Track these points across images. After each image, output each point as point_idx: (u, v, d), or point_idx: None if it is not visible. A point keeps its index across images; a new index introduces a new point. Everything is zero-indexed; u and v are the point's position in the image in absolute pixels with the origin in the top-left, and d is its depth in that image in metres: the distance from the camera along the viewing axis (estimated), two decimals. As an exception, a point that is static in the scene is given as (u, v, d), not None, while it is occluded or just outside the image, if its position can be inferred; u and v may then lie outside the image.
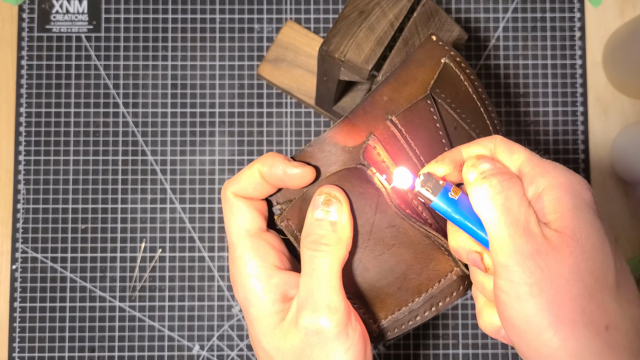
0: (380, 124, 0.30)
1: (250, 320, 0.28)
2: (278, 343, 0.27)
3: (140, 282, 0.54)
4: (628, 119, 0.55)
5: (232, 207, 0.29)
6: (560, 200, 0.25)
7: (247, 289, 0.28)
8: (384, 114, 0.30)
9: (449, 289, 0.31)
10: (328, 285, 0.27)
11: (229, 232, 0.29)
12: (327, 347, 0.26)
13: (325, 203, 0.27)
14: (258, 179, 0.29)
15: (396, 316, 0.31)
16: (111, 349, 0.53)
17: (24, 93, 0.55)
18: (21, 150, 0.55)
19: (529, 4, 0.56)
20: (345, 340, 0.27)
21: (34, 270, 0.54)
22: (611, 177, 0.55)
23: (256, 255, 0.28)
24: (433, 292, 0.31)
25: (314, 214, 0.28)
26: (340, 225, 0.28)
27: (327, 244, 0.27)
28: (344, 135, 0.30)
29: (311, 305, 0.27)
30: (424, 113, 0.30)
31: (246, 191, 0.29)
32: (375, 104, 0.30)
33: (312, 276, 0.27)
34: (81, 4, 0.56)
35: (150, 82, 0.55)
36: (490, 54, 0.56)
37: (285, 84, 0.54)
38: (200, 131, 0.55)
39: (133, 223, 0.54)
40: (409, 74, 0.31)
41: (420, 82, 0.31)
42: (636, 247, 0.54)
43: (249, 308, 0.28)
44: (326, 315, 0.26)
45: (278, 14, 0.56)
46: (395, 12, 0.38)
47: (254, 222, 0.29)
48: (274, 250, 0.29)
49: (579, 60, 0.56)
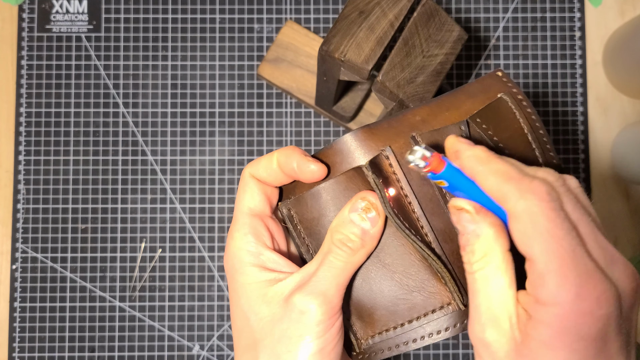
0: (401, 139, 0.29)
1: (235, 287, 0.30)
2: (259, 308, 0.29)
3: (140, 282, 0.54)
4: (628, 119, 0.55)
5: (245, 185, 0.31)
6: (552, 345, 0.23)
7: (236, 258, 0.30)
8: (409, 131, 0.29)
9: (443, 322, 0.29)
10: (335, 280, 0.28)
11: (235, 208, 0.31)
12: (304, 328, 0.28)
13: (365, 210, 0.28)
14: (274, 166, 0.30)
15: (384, 336, 0.30)
16: (111, 349, 0.53)
17: (24, 93, 0.55)
18: (21, 150, 0.55)
19: (529, 4, 0.56)
20: (321, 330, 0.28)
21: (34, 270, 0.54)
22: (611, 177, 0.55)
23: (251, 232, 0.30)
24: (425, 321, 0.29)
25: (350, 215, 0.28)
26: (370, 236, 0.28)
27: (352, 248, 0.28)
28: (360, 141, 0.30)
29: (310, 288, 0.28)
30: None
31: (261, 175, 0.31)
32: (403, 121, 0.30)
33: (324, 264, 0.28)
34: (81, 4, 0.56)
35: (150, 82, 0.55)
36: (490, 54, 0.56)
37: (285, 84, 0.54)
38: (200, 131, 0.55)
39: (133, 223, 0.54)
40: (454, 102, 0.30)
41: (463, 111, 0.30)
42: (636, 247, 0.54)
43: (236, 276, 0.30)
44: (319, 301, 0.27)
45: (278, 14, 0.56)
46: (395, 12, 0.38)
47: (259, 204, 0.31)
48: (268, 233, 0.31)
49: (579, 60, 0.56)
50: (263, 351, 0.28)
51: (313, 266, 0.29)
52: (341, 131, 0.55)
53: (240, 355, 0.30)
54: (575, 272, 0.22)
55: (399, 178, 0.29)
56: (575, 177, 0.26)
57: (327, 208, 0.30)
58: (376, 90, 0.40)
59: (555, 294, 0.22)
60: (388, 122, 0.30)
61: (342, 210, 0.29)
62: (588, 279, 0.22)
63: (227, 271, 0.31)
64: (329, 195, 0.30)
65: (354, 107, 0.52)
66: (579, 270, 0.22)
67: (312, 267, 0.29)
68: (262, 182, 0.31)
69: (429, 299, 0.29)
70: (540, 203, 0.23)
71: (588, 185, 0.55)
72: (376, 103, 0.54)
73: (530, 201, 0.23)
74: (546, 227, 0.22)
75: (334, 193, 0.30)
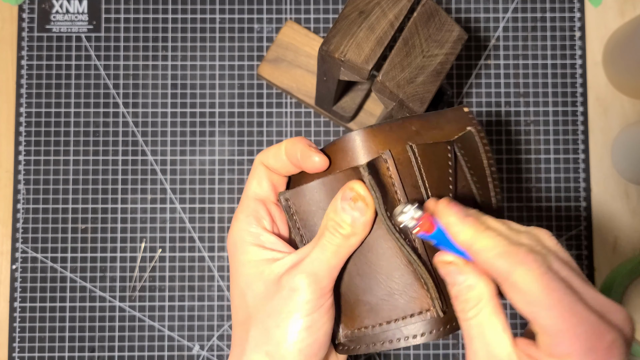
0: (400, 145, 0.31)
1: (235, 265, 0.32)
2: (255, 285, 0.30)
3: (140, 282, 0.54)
4: (628, 119, 0.55)
5: (254, 171, 0.33)
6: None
7: (238, 237, 0.32)
8: (407, 139, 0.31)
9: (421, 327, 0.30)
10: (327, 263, 0.29)
11: (243, 191, 0.33)
12: (293, 305, 0.29)
13: (353, 199, 0.29)
14: (282, 154, 0.32)
15: (363, 333, 0.31)
16: (111, 349, 0.53)
17: (24, 93, 0.55)
18: (21, 150, 0.55)
19: (529, 4, 0.56)
20: (310, 308, 0.29)
21: (34, 270, 0.54)
22: (611, 177, 0.55)
23: (253, 215, 0.32)
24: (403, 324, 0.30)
25: (342, 203, 0.29)
26: (360, 224, 0.29)
27: (343, 234, 0.29)
28: (362, 142, 0.31)
29: (302, 267, 0.29)
30: (442, 154, 0.31)
31: (270, 162, 0.32)
32: (403, 128, 0.31)
33: (317, 247, 0.30)
34: (81, 4, 0.56)
35: (150, 82, 0.55)
36: (490, 54, 0.56)
37: (285, 84, 0.54)
38: (200, 131, 0.55)
39: (133, 223, 0.54)
40: (439, 123, 0.33)
41: (445, 134, 0.33)
42: (636, 247, 0.54)
43: (237, 254, 0.32)
44: (309, 280, 0.29)
45: (278, 14, 0.56)
46: (395, 12, 0.38)
47: (264, 190, 0.33)
48: (270, 217, 0.32)
49: (579, 60, 0.56)
50: (254, 325, 0.30)
51: (307, 249, 0.30)
52: (341, 131, 0.55)
53: (235, 329, 0.32)
54: (582, 327, 0.24)
55: (395, 182, 0.30)
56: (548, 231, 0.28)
57: (322, 202, 0.31)
58: (376, 90, 0.40)
59: (569, 351, 0.24)
60: (390, 125, 0.31)
61: (335, 198, 0.30)
62: (595, 331, 0.24)
63: (229, 249, 0.32)
64: (325, 190, 0.31)
65: (354, 107, 0.52)
66: (585, 325, 0.24)
67: (306, 250, 0.30)
68: (270, 170, 0.33)
69: (409, 303, 0.30)
70: (530, 272, 0.24)
71: (588, 185, 0.55)
72: (376, 103, 0.54)
73: (522, 273, 0.24)
74: (543, 293, 0.24)
75: (331, 189, 0.31)
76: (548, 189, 0.55)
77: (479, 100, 0.56)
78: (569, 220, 0.55)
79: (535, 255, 0.25)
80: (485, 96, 0.56)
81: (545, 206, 0.55)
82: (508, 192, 0.55)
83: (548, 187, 0.55)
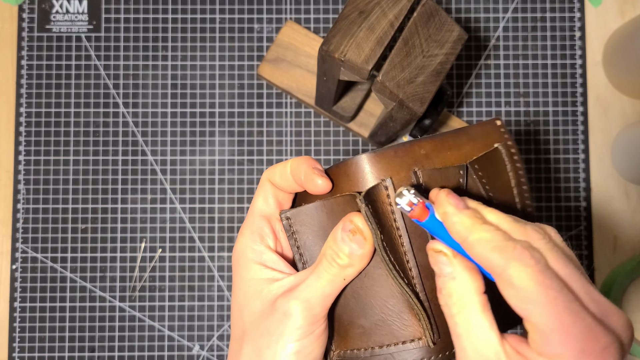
0: (403, 172, 0.30)
1: (236, 280, 0.32)
2: (253, 303, 0.31)
3: (140, 282, 0.54)
4: (628, 119, 0.55)
5: (261, 187, 0.33)
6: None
7: (242, 254, 0.32)
8: (413, 164, 0.30)
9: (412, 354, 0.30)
10: (321, 291, 0.29)
11: (250, 208, 0.34)
12: (284, 328, 0.29)
13: (352, 232, 0.29)
14: (287, 173, 0.32)
15: (356, 354, 0.31)
16: (111, 349, 0.53)
17: (24, 93, 0.55)
18: (21, 150, 0.55)
19: (529, 4, 0.56)
20: (301, 334, 0.29)
21: (34, 270, 0.54)
22: (611, 177, 0.55)
23: (258, 232, 0.32)
24: (394, 350, 0.30)
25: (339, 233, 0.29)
26: (357, 257, 0.29)
27: (340, 264, 0.29)
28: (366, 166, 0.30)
29: (296, 293, 0.29)
30: (451, 180, 0.31)
31: (276, 180, 0.33)
32: (409, 152, 0.31)
33: (313, 274, 0.30)
34: (81, 4, 0.56)
35: (150, 82, 0.55)
36: (490, 54, 0.56)
37: (285, 84, 0.54)
38: (200, 131, 0.55)
39: (133, 223, 0.54)
40: (456, 142, 0.32)
41: (463, 154, 0.31)
42: (636, 247, 0.54)
43: (239, 269, 0.32)
44: (302, 307, 0.29)
45: (278, 14, 0.56)
46: (395, 12, 0.38)
47: (269, 207, 0.33)
48: (273, 235, 0.33)
49: (579, 60, 0.56)
50: (247, 342, 0.30)
51: (305, 274, 0.30)
52: (341, 131, 0.55)
53: (232, 344, 0.32)
54: (576, 328, 0.23)
55: (394, 210, 0.30)
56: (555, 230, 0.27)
57: (322, 223, 0.31)
58: (376, 90, 0.40)
59: (560, 351, 0.23)
60: (395, 150, 0.31)
61: (337, 227, 0.30)
62: (590, 333, 0.23)
63: (233, 264, 0.33)
64: (326, 212, 0.31)
65: (354, 107, 0.52)
66: (580, 325, 0.23)
67: (304, 275, 0.30)
68: (276, 187, 0.33)
69: (402, 330, 0.30)
70: (526, 268, 0.24)
71: (588, 185, 0.55)
72: (376, 103, 0.54)
73: (517, 268, 0.24)
74: (537, 290, 0.23)
75: (331, 211, 0.31)
76: (548, 189, 0.55)
77: (479, 100, 0.56)
78: (569, 220, 0.55)
79: (533, 252, 0.24)
80: (485, 96, 0.56)
81: (545, 206, 0.55)
82: (508, 192, 0.55)
83: (548, 187, 0.55)
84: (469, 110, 0.56)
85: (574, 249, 0.54)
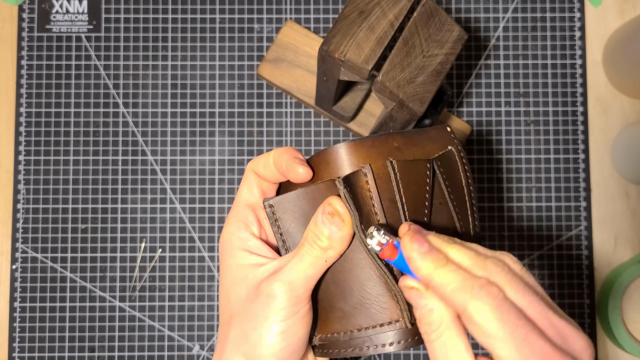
0: (380, 160, 0.32)
1: (223, 268, 0.34)
2: (239, 288, 0.32)
3: (140, 282, 0.54)
4: (628, 119, 0.55)
5: (246, 178, 0.34)
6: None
7: (228, 242, 0.33)
8: (387, 154, 0.32)
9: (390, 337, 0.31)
10: (303, 273, 0.30)
11: (235, 198, 0.35)
12: (269, 310, 0.30)
13: (330, 214, 0.30)
14: (270, 163, 0.33)
15: (335, 338, 0.32)
16: (111, 349, 0.53)
17: (24, 93, 0.55)
18: (21, 150, 0.55)
19: (529, 4, 0.56)
20: (285, 315, 0.30)
21: (34, 270, 0.54)
22: (611, 177, 0.55)
23: (243, 221, 0.33)
24: (372, 333, 0.31)
25: (320, 216, 0.31)
26: (337, 239, 0.30)
27: (321, 247, 0.30)
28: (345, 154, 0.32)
29: (280, 276, 0.31)
30: (421, 172, 0.32)
31: (260, 170, 0.34)
32: (384, 143, 0.32)
33: (296, 256, 0.31)
34: (81, 4, 0.56)
35: (150, 82, 0.55)
36: (490, 54, 0.56)
37: (285, 84, 0.54)
38: (200, 131, 0.55)
39: (133, 223, 0.54)
40: (420, 141, 0.34)
41: (426, 152, 0.34)
42: (636, 247, 0.54)
43: (226, 257, 0.33)
44: (285, 288, 0.30)
45: (278, 14, 0.56)
46: (395, 12, 0.38)
47: (254, 197, 0.34)
48: (258, 223, 0.34)
49: (579, 60, 0.56)
50: (234, 326, 0.32)
51: (288, 257, 0.32)
52: (341, 131, 0.55)
53: (220, 329, 0.33)
54: (534, 357, 0.24)
55: (373, 196, 0.31)
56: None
57: (303, 211, 0.32)
58: (376, 90, 0.40)
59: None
60: (372, 140, 0.32)
61: (318, 210, 0.31)
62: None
63: (220, 252, 0.34)
64: (307, 199, 0.32)
65: (354, 107, 0.52)
66: (538, 354, 0.25)
67: (287, 258, 0.32)
68: (261, 177, 0.34)
69: (380, 313, 0.31)
70: (484, 306, 0.25)
71: (588, 185, 0.55)
72: (376, 103, 0.54)
73: (476, 306, 0.25)
74: (497, 325, 0.25)
75: (312, 198, 0.32)
76: (548, 189, 0.55)
77: (479, 100, 0.56)
78: (569, 220, 0.55)
79: (491, 288, 0.25)
80: (485, 96, 0.56)
81: (545, 206, 0.55)
82: (508, 192, 0.55)
83: (548, 187, 0.55)
84: (469, 110, 0.56)
85: (573, 250, 0.54)
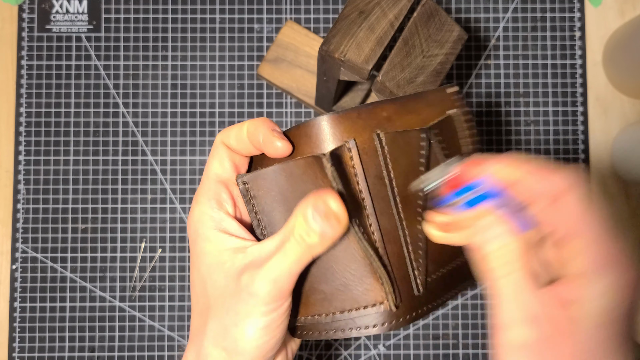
0: (366, 133, 0.29)
1: (196, 252, 0.31)
2: (216, 276, 0.30)
3: (140, 282, 0.54)
4: (628, 119, 0.55)
5: (215, 151, 0.31)
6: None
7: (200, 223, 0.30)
8: (375, 126, 0.30)
9: (373, 319, 0.29)
10: (288, 269, 0.28)
11: (204, 172, 0.32)
12: (251, 307, 0.28)
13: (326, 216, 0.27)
14: (244, 135, 0.30)
15: (316, 320, 0.31)
16: (111, 349, 0.53)
17: (24, 93, 0.55)
18: (21, 150, 0.55)
19: (529, 4, 0.56)
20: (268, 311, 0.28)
21: (34, 270, 0.54)
22: (611, 177, 0.55)
23: (215, 198, 0.31)
24: (355, 315, 0.30)
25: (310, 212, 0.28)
26: (329, 238, 0.28)
27: (309, 244, 0.28)
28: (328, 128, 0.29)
29: (263, 273, 0.28)
30: (413, 143, 0.30)
31: (231, 143, 0.31)
32: (371, 114, 0.30)
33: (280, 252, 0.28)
34: (81, 4, 0.56)
35: (150, 82, 0.55)
36: (490, 54, 0.56)
37: (285, 84, 0.54)
38: (200, 131, 0.55)
39: (133, 223, 0.54)
40: (416, 107, 0.31)
41: (422, 118, 0.31)
42: (636, 247, 0.54)
43: (199, 240, 0.30)
44: (270, 287, 0.28)
45: (278, 14, 0.56)
46: (395, 12, 0.38)
47: (225, 171, 0.31)
48: (232, 200, 0.31)
49: (579, 60, 0.56)
50: (212, 319, 0.30)
51: (270, 246, 0.29)
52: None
53: (194, 317, 0.31)
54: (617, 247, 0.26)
55: (357, 173, 0.29)
56: None
57: (282, 188, 0.30)
58: (376, 90, 0.40)
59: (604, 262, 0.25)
60: (358, 112, 0.30)
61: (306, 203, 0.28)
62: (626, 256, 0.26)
63: (190, 234, 0.31)
64: (285, 176, 0.29)
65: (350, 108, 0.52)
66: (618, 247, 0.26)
67: (269, 247, 0.29)
68: (232, 150, 0.31)
69: (363, 295, 0.30)
70: (581, 189, 0.26)
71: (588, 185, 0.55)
72: (376, 103, 0.54)
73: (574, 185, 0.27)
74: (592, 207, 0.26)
75: (291, 175, 0.29)
76: (548, 189, 0.55)
77: (479, 100, 0.56)
78: (569, 220, 0.55)
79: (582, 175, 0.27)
80: (485, 96, 0.56)
81: (545, 206, 0.55)
82: (508, 192, 0.55)
83: (548, 187, 0.55)
84: (469, 110, 0.56)
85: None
